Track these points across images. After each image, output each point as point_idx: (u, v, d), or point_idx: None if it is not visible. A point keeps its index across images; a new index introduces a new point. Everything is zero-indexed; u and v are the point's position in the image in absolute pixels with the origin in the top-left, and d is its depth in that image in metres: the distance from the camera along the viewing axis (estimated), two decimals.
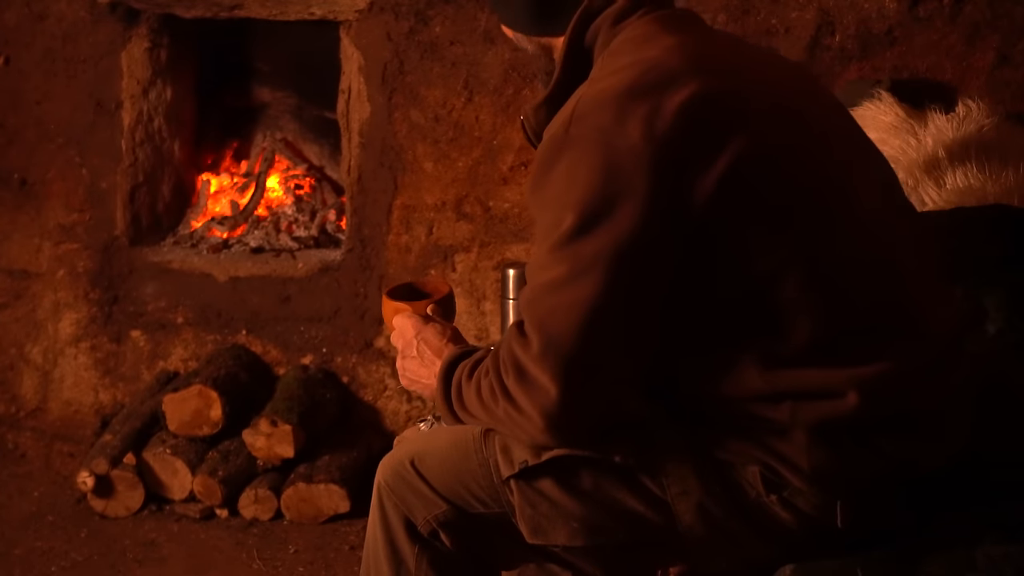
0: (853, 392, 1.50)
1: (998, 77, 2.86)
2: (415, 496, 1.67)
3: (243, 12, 3.22)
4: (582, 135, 1.48)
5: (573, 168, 1.48)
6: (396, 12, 3.12)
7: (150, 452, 3.10)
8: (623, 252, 1.45)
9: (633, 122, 1.46)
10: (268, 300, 3.34)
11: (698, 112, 1.48)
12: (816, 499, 1.55)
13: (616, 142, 1.45)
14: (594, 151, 1.46)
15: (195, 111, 3.61)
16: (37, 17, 3.29)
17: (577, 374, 1.47)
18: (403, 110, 3.16)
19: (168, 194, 3.53)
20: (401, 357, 1.77)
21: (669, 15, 1.63)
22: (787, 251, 1.50)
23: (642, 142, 1.45)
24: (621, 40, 1.60)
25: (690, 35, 1.60)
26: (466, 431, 1.65)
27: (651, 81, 1.49)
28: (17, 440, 3.46)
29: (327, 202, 3.61)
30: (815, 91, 1.71)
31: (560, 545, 1.62)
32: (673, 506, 1.58)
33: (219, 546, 2.98)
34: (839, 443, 1.52)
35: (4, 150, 3.38)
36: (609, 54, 1.59)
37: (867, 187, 1.61)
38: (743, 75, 1.57)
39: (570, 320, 1.46)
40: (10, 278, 3.43)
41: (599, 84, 1.53)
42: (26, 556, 2.94)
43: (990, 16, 2.85)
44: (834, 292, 1.51)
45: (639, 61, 1.53)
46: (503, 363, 1.53)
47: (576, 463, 1.58)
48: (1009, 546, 1.56)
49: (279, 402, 3.15)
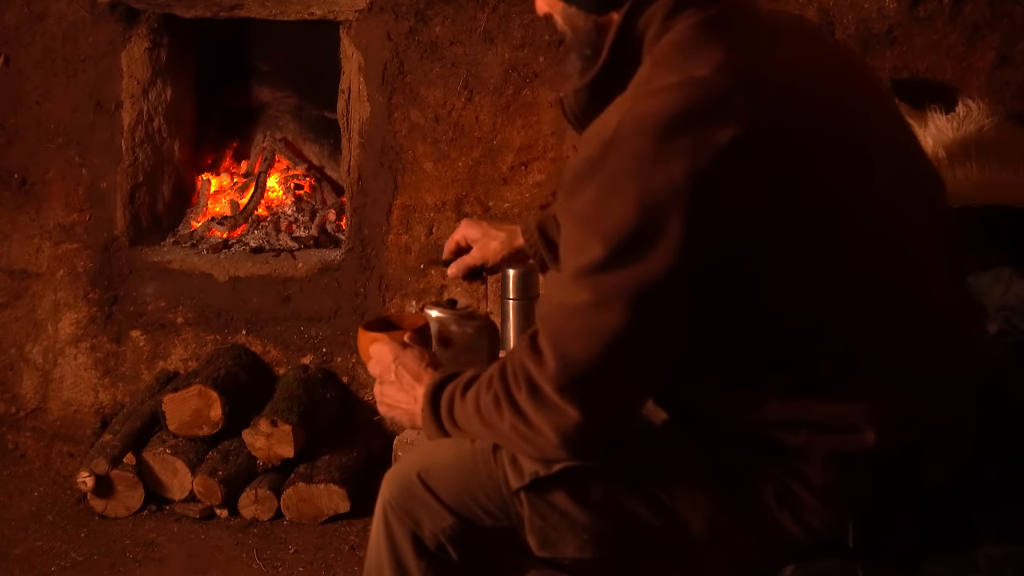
0: (871, 429, 1.50)
1: (998, 77, 2.86)
2: (423, 509, 1.65)
3: (243, 12, 3.22)
4: (620, 162, 1.43)
5: (607, 195, 1.43)
6: (396, 12, 3.12)
7: (150, 452, 3.10)
8: (650, 288, 1.42)
9: (675, 157, 1.40)
10: (268, 300, 3.34)
11: (743, 152, 1.42)
12: (828, 516, 1.55)
13: (654, 177, 1.40)
14: (630, 183, 1.41)
15: (195, 111, 3.61)
16: (37, 17, 3.29)
17: (595, 399, 1.47)
18: (403, 110, 3.16)
19: (168, 194, 3.53)
20: (379, 383, 1.77)
21: (721, 16, 1.54)
22: (817, 287, 1.48)
23: (682, 179, 1.40)
24: (671, 42, 1.52)
25: (739, 43, 1.51)
26: (474, 444, 1.64)
27: (697, 111, 1.43)
28: (17, 440, 3.46)
29: (327, 202, 3.61)
30: (857, 87, 1.64)
31: (569, 557, 1.61)
32: (683, 517, 1.57)
33: (219, 546, 2.98)
34: (854, 466, 1.52)
35: (4, 150, 3.38)
36: (656, 61, 1.52)
37: (912, 215, 1.57)
38: (792, 96, 1.49)
39: (590, 346, 1.45)
40: (10, 278, 3.43)
41: (642, 105, 1.45)
42: (26, 556, 2.94)
43: (990, 16, 2.85)
44: (859, 328, 1.50)
45: (686, 82, 1.45)
46: (512, 376, 1.52)
47: (587, 474, 1.57)
48: (1009, 546, 1.56)
49: (279, 402, 3.15)
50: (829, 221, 1.48)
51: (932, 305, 1.57)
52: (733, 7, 1.57)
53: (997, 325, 1.94)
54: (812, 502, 1.54)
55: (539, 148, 3.10)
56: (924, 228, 1.59)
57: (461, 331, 2.10)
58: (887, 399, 1.50)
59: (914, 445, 1.54)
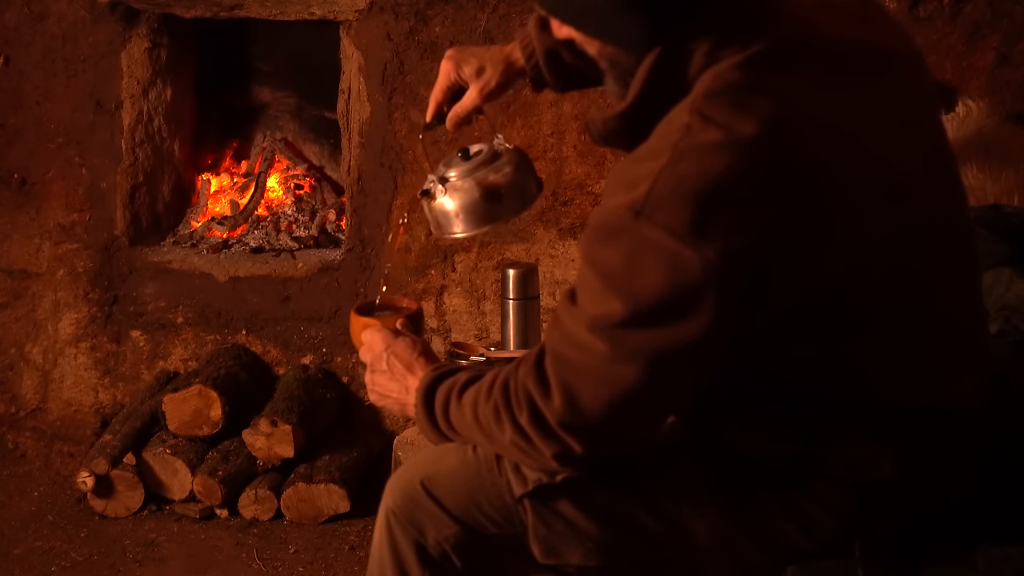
0: (887, 463, 1.50)
1: (998, 77, 2.86)
2: (427, 517, 1.63)
3: (243, 12, 3.22)
4: (653, 230, 1.34)
5: (636, 260, 1.36)
6: (396, 12, 3.12)
7: (150, 452, 3.10)
8: (669, 353, 1.38)
9: (712, 235, 1.32)
10: (268, 300, 3.34)
11: (782, 227, 1.35)
12: (835, 529, 1.54)
13: (688, 253, 1.33)
14: (662, 254, 1.34)
15: (195, 111, 3.61)
16: (37, 17, 3.29)
17: (598, 440, 1.46)
18: (403, 110, 3.16)
19: (168, 194, 3.53)
20: (370, 371, 1.75)
21: (771, 53, 1.40)
22: (840, 334, 1.45)
23: (717, 259, 1.32)
24: (714, 88, 1.38)
25: (783, 92, 1.38)
26: (478, 452, 1.62)
27: (739, 183, 1.33)
28: (17, 440, 3.46)
29: (327, 202, 3.61)
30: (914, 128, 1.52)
31: (573, 565, 1.60)
32: (687, 526, 1.56)
33: (219, 546, 2.98)
34: (866, 491, 1.52)
35: (4, 150, 3.38)
36: (697, 111, 1.37)
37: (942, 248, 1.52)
38: (839, 145, 1.39)
39: (600, 396, 1.42)
40: (10, 278, 3.43)
41: (681, 167, 1.34)
42: (26, 556, 2.94)
43: (990, 16, 2.85)
44: (877, 367, 1.49)
45: (729, 144, 1.34)
46: (515, 397, 1.49)
47: (592, 482, 1.56)
48: (1009, 547, 1.56)
49: (279, 402, 3.15)
50: (858, 271, 1.42)
51: (954, 333, 1.54)
52: (783, 39, 1.42)
53: (997, 325, 1.94)
54: (820, 517, 1.53)
55: (539, 148, 3.10)
56: (953, 265, 1.55)
57: (503, 175, 1.83)
58: (904, 434, 1.50)
59: (927, 471, 1.54)
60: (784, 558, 1.57)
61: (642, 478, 1.57)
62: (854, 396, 1.49)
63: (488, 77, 1.86)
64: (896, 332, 1.47)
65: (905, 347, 1.49)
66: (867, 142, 1.43)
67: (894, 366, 1.49)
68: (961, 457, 1.58)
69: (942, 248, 1.52)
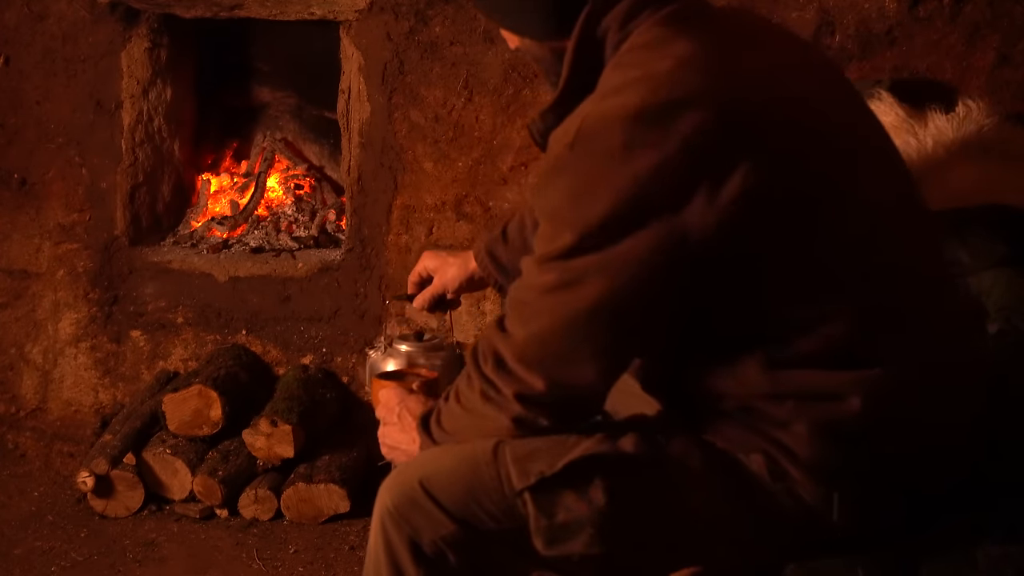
0: (856, 397, 1.51)
1: (998, 77, 2.86)
2: (423, 517, 1.64)
3: (243, 12, 3.22)
4: (588, 159, 1.47)
5: (574, 188, 1.48)
6: (396, 12, 3.12)
7: (150, 452, 3.10)
8: (615, 272, 1.47)
9: (640, 150, 1.43)
10: (268, 300, 3.34)
11: (707, 142, 1.44)
12: (816, 490, 1.56)
13: (621, 169, 1.44)
14: (599, 178, 1.45)
15: (195, 111, 3.61)
16: (37, 17, 3.29)
17: (557, 370, 1.52)
18: (403, 110, 3.16)
19: (168, 194, 3.53)
20: (382, 425, 1.82)
21: (679, 11, 1.56)
22: (797, 272, 1.49)
23: (647, 172, 1.43)
24: (630, 46, 1.54)
25: (701, 38, 1.52)
26: (474, 448, 1.64)
27: (659, 104, 1.44)
28: (17, 440, 3.46)
29: (327, 202, 3.61)
30: (829, 82, 1.66)
31: (576, 554, 1.61)
32: (684, 500, 1.58)
33: (219, 546, 2.98)
34: (840, 438, 1.53)
35: (4, 150, 3.38)
36: (617, 64, 1.54)
37: (881, 190, 1.59)
38: (755, 85, 1.50)
39: (553, 321, 1.50)
40: (10, 278, 3.43)
41: (606, 102, 1.49)
42: (26, 556, 2.94)
43: (990, 16, 2.85)
44: (841, 300, 1.51)
45: (647, 77, 1.47)
46: (482, 354, 1.59)
47: (590, 469, 1.58)
48: (1009, 546, 1.56)
49: (279, 402, 3.15)
50: (809, 206, 1.49)
51: (918, 275, 1.59)
52: (691, 4, 1.58)
53: (997, 325, 1.94)
54: (799, 475, 1.55)
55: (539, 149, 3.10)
56: (905, 216, 1.62)
57: (429, 364, 2.20)
58: (872, 365, 1.51)
59: (900, 421, 1.55)
60: (780, 532, 1.59)
61: (637, 460, 1.59)
62: (818, 328, 1.51)
63: (449, 276, 2.21)
64: (853, 265, 1.51)
65: (863, 280, 1.52)
66: (787, 84, 1.53)
67: (853, 299, 1.51)
68: (947, 428, 1.57)
69: (885, 189, 1.59)
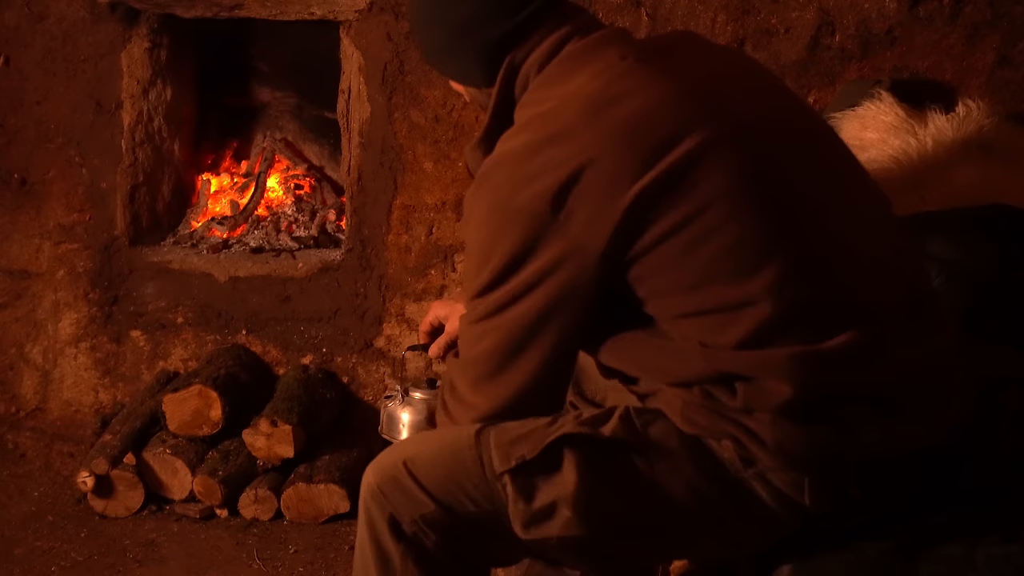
0: (785, 378, 1.53)
1: (998, 77, 2.86)
2: (404, 496, 1.69)
3: (243, 12, 3.22)
4: (486, 197, 1.61)
5: (479, 229, 1.62)
6: (396, 12, 3.12)
7: (150, 452, 3.10)
8: (528, 298, 1.59)
9: (526, 187, 1.56)
10: (268, 300, 3.34)
11: (582, 168, 1.54)
12: (787, 476, 1.58)
13: (513, 207, 1.57)
14: (495, 217, 1.59)
15: (195, 111, 3.61)
16: (37, 17, 3.29)
17: (493, 391, 1.65)
18: (403, 110, 3.16)
19: (168, 194, 3.53)
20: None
21: (581, 49, 1.67)
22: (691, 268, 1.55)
23: (533, 206, 1.55)
24: (535, 86, 1.69)
25: (594, 72, 1.63)
26: (459, 433, 1.69)
27: (539, 142, 1.58)
28: (17, 440, 3.46)
29: (327, 202, 3.61)
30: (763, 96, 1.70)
31: (554, 538, 1.64)
32: (663, 484, 1.60)
33: (219, 546, 2.98)
34: (803, 419, 1.55)
35: (4, 150, 3.37)
36: (523, 104, 1.69)
37: (802, 176, 1.62)
38: (640, 110, 1.57)
39: (485, 346, 1.64)
40: (10, 278, 3.43)
41: (504, 145, 1.64)
42: (26, 556, 2.94)
43: (990, 16, 2.85)
44: (764, 282, 1.53)
45: (536, 117, 1.62)
46: (446, 383, 1.76)
47: (569, 453, 1.61)
48: (1009, 546, 1.56)
49: (279, 402, 3.15)
50: (699, 209, 1.54)
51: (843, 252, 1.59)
52: (600, 36, 1.69)
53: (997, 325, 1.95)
54: (768, 461, 1.57)
55: None
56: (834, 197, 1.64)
57: None
58: (790, 344, 1.53)
59: (858, 397, 1.56)
60: (754, 518, 1.60)
61: (615, 444, 1.62)
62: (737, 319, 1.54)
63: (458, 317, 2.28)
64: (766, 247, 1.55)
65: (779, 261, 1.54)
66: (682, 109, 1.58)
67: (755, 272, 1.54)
68: (880, 372, 1.57)
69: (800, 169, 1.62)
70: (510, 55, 1.71)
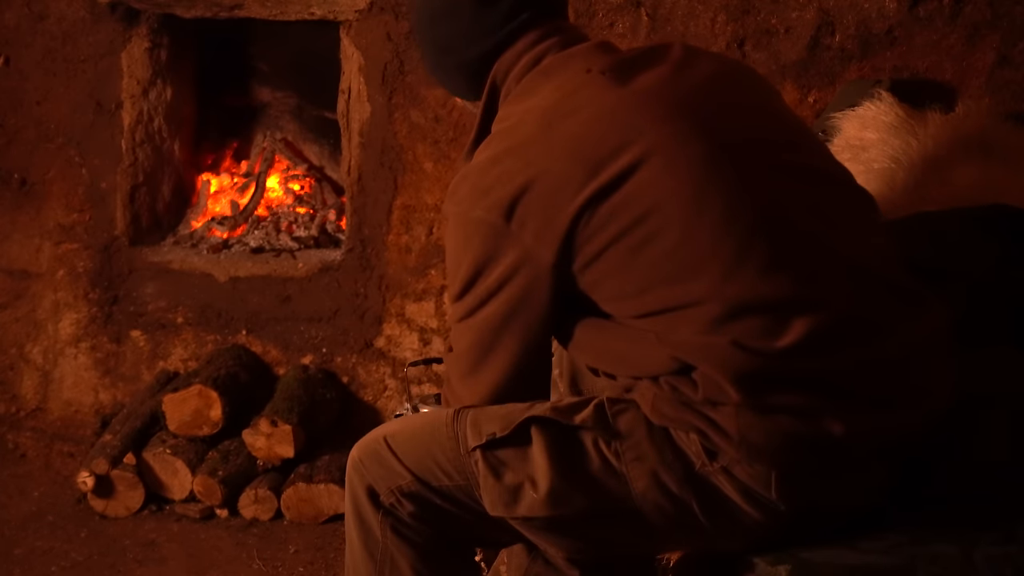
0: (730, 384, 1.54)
1: (998, 77, 2.86)
2: (382, 468, 1.76)
3: (243, 12, 3.22)
4: (452, 208, 1.70)
5: (451, 241, 1.71)
6: (396, 12, 3.12)
7: (150, 452, 3.10)
8: (494, 300, 1.68)
9: (483, 199, 1.64)
10: (268, 300, 3.34)
11: (533, 187, 1.61)
12: (753, 470, 1.58)
13: (472, 219, 1.66)
14: (461, 228, 1.68)
15: (195, 111, 3.61)
16: (37, 17, 3.29)
17: (476, 377, 1.73)
18: (403, 110, 3.16)
19: (168, 194, 3.53)
20: None
21: (552, 63, 1.73)
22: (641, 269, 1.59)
23: (490, 216, 1.63)
24: (507, 103, 1.77)
25: (555, 86, 1.69)
26: (439, 413, 1.79)
27: (496, 156, 1.66)
28: (17, 440, 3.46)
29: (327, 202, 3.61)
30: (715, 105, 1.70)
31: (520, 517, 1.67)
32: (627, 473, 1.62)
33: (219, 546, 2.98)
34: (766, 411, 1.55)
35: (4, 150, 3.38)
36: (496, 119, 1.77)
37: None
38: (578, 131, 1.62)
39: (465, 343, 1.73)
40: (10, 278, 3.43)
41: (474, 158, 1.72)
42: (26, 556, 2.94)
43: (990, 16, 2.85)
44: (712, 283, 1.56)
45: (500, 132, 1.71)
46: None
47: (539, 434, 1.65)
48: (1009, 546, 1.57)
49: (279, 402, 3.15)
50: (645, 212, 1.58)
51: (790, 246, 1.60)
52: (574, 51, 1.74)
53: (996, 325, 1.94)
54: (734, 453, 1.57)
55: None
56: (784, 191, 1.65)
57: None
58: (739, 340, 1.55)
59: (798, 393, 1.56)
60: (721, 513, 1.61)
61: (585, 428, 1.65)
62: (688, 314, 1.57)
63: None
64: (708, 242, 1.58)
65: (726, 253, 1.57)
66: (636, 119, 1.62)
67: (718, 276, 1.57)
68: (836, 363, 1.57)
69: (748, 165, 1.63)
70: (493, 71, 1.78)
